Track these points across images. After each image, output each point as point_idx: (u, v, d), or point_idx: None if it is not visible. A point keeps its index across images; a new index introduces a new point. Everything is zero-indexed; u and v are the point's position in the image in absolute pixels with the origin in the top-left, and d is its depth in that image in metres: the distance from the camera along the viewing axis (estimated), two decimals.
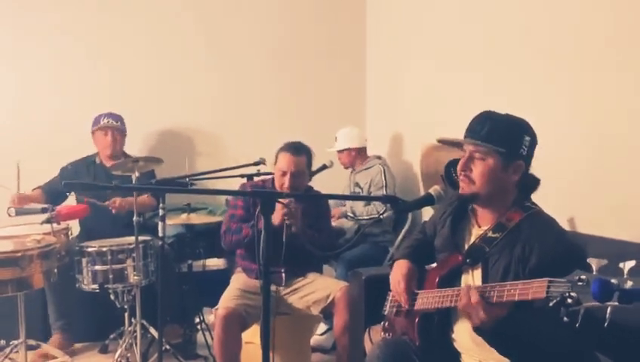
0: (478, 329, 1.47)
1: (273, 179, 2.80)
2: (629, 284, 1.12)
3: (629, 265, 1.15)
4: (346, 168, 3.89)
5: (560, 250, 1.50)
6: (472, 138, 1.64)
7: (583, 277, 1.18)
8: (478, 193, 1.64)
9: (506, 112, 1.67)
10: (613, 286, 1.13)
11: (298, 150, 2.71)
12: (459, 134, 1.74)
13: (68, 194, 3.49)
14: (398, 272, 1.87)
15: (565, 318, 1.19)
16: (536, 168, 1.69)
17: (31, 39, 3.92)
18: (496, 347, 1.48)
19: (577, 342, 1.43)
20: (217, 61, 4.30)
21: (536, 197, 1.70)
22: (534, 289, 1.30)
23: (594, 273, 1.19)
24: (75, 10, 3.99)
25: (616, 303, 1.13)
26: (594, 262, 1.20)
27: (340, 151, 3.83)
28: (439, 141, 1.77)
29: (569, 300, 1.19)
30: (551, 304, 1.23)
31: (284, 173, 2.67)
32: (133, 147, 3.71)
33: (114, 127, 3.56)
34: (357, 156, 3.82)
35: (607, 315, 1.14)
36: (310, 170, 2.79)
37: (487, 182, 1.62)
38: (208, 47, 4.29)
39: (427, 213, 3.55)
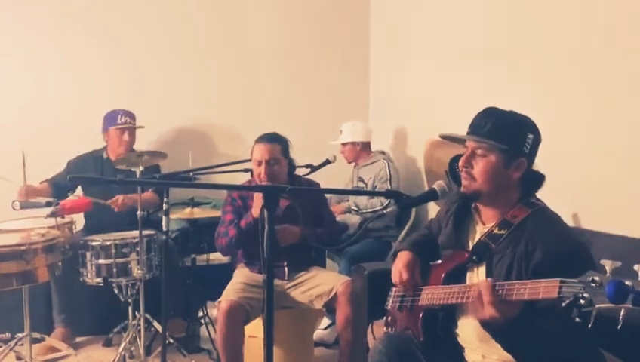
0: (485, 324, 1.46)
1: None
2: None
3: None
4: (349, 163, 3.87)
5: (563, 247, 1.49)
6: (474, 134, 1.63)
7: (596, 278, 1.17)
8: (480, 190, 1.63)
9: (510, 109, 1.66)
10: (629, 288, 1.12)
11: (270, 139, 2.71)
12: (462, 130, 1.72)
13: (71, 191, 3.49)
14: (400, 262, 1.87)
15: (577, 319, 1.18)
16: (542, 164, 1.68)
17: (40, 36, 3.94)
18: (500, 342, 1.48)
19: (585, 342, 1.43)
20: (223, 56, 4.29)
21: (541, 193, 1.69)
22: (545, 288, 1.28)
23: (607, 274, 1.18)
24: (84, 7, 4.00)
25: (631, 305, 1.11)
26: (607, 264, 1.18)
27: (344, 145, 3.79)
28: (442, 137, 1.76)
29: (582, 301, 1.18)
30: (563, 304, 1.21)
31: (259, 163, 2.66)
32: (138, 141, 3.71)
33: (132, 127, 3.56)
34: (361, 151, 3.79)
35: (621, 317, 1.13)
36: (288, 159, 2.76)
37: (489, 179, 1.61)
38: (214, 43, 4.28)
39: (432, 208, 3.57)
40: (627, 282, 1.12)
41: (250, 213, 2.62)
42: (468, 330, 1.69)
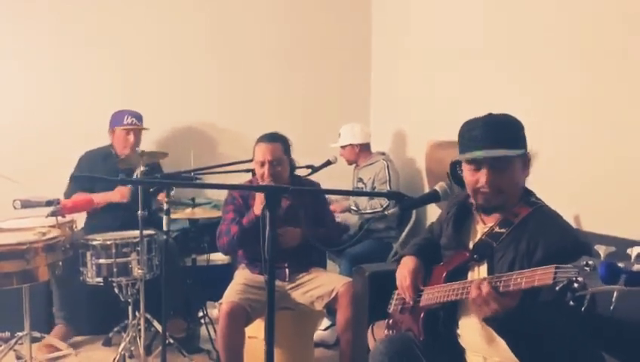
0: (488, 320, 1.46)
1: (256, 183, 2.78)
2: (636, 268, 1.12)
3: (636, 250, 1.15)
4: (350, 164, 3.87)
5: (565, 244, 1.49)
6: (492, 148, 1.56)
7: (590, 262, 1.18)
8: (507, 200, 1.62)
9: (489, 112, 1.64)
10: (621, 269, 1.13)
11: (272, 138, 2.69)
12: None
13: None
14: (405, 268, 1.87)
15: (571, 302, 1.20)
16: (543, 165, 1.68)
17: (39, 36, 3.94)
18: (505, 337, 1.47)
19: (584, 338, 1.43)
20: (224, 57, 4.30)
21: (543, 194, 1.69)
22: (541, 275, 1.30)
23: (601, 259, 1.19)
24: (85, 8, 4.00)
25: (623, 286, 1.12)
26: (601, 249, 1.20)
27: (342, 147, 3.79)
28: (465, 160, 1.68)
29: (575, 285, 1.19)
30: (557, 288, 1.23)
31: (262, 164, 2.65)
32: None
33: (137, 129, 3.57)
34: (360, 152, 3.79)
35: (613, 299, 1.15)
36: (290, 158, 2.75)
37: (515, 186, 1.62)
38: (215, 43, 4.28)
39: (432, 210, 3.57)
40: (620, 263, 1.14)
41: (252, 211, 2.62)
42: (471, 332, 1.69)
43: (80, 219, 3.44)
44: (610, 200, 2.30)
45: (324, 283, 2.66)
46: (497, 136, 1.58)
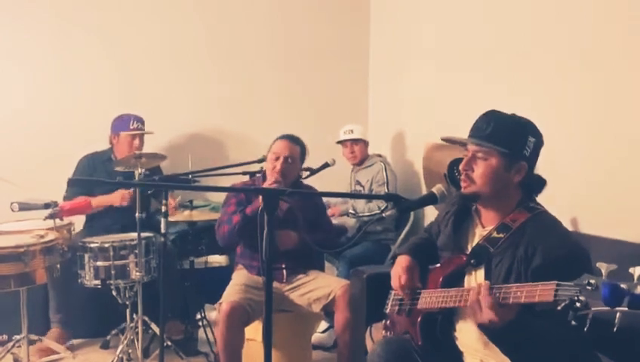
0: (483, 327, 1.46)
1: (263, 176, 2.80)
2: (639, 290, 1.10)
3: (639, 270, 1.13)
4: (356, 163, 3.83)
5: (563, 251, 1.49)
6: (475, 137, 1.63)
7: (592, 281, 1.16)
8: (479, 193, 1.64)
9: (512, 112, 1.66)
10: (624, 291, 1.11)
11: (294, 139, 2.76)
12: (461, 133, 1.73)
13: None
14: (399, 267, 1.87)
15: (573, 322, 1.18)
16: (541, 169, 1.68)
17: (39, 37, 3.94)
18: (499, 345, 1.48)
19: (581, 344, 1.43)
20: (222, 59, 4.30)
21: (541, 197, 1.69)
22: (541, 292, 1.29)
23: (603, 277, 1.17)
24: (84, 10, 4.00)
25: (626, 308, 1.11)
26: (603, 267, 1.18)
27: (356, 144, 3.77)
28: (443, 140, 1.77)
29: (577, 304, 1.18)
30: (559, 307, 1.22)
31: (277, 157, 2.68)
32: None
33: (142, 134, 3.55)
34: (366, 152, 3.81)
35: (616, 321, 1.13)
36: (302, 165, 2.80)
37: (488, 182, 1.61)
38: (214, 45, 4.29)
39: (430, 211, 3.57)
40: (622, 285, 1.12)
41: (258, 200, 2.60)
42: (468, 334, 1.69)
43: (78, 222, 3.44)
44: (607, 202, 2.30)
45: (321, 286, 2.66)
46: (487, 129, 1.60)
